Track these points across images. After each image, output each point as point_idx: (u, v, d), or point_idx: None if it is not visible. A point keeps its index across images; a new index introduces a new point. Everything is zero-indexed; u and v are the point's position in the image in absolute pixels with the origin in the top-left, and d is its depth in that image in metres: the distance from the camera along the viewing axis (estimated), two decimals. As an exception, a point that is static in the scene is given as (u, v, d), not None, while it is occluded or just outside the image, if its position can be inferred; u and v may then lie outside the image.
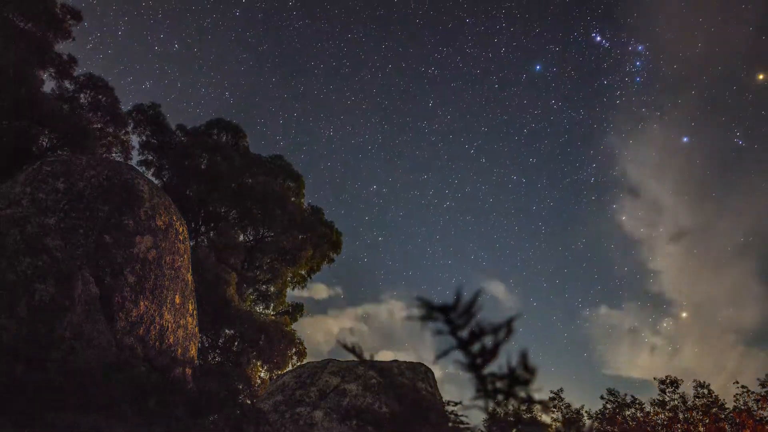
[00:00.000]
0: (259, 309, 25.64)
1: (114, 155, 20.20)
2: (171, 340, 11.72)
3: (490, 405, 1.47)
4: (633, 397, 14.88)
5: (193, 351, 13.11)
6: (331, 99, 54.00)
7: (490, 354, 1.39)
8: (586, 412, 15.35)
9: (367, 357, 1.81)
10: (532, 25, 48.57)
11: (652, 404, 14.62)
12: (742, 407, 13.39)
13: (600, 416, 14.96)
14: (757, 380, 13.54)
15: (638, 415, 14.56)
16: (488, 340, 1.39)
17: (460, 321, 1.37)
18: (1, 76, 15.43)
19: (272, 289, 26.03)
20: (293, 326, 24.45)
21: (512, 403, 1.45)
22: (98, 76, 19.40)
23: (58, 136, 17.30)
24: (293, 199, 25.81)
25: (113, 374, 8.03)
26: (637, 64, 44.80)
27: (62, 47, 18.98)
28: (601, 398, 15.25)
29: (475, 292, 1.36)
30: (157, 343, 11.20)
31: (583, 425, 14.74)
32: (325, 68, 52.11)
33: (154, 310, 11.31)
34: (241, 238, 25.32)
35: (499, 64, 50.80)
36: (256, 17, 50.45)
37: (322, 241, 25.88)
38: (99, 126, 19.54)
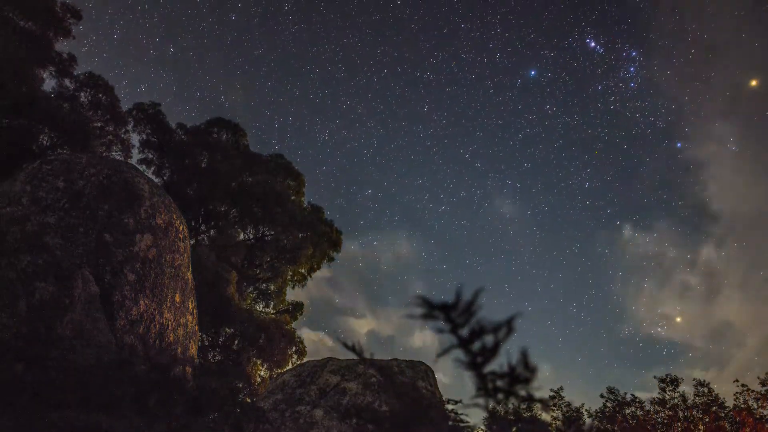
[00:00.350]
0: (259, 308, 25.65)
1: (114, 154, 20.18)
2: (171, 339, 11.72)
3: (491, 403, 1.47)
4: (633, 395, 14.92)
5: (194, 349, 13.11)
6: (327, 103, 54.05)
7: (491, 352, 1.39)
8: (586, 410, 15.38)
9: (367, 355, 1.81)
10: (527, 30, 48.65)
11: (652, 403, 14.64)
12: (742, 406, 13.41)
13: (600, 415, 14.98)
14: (758, 378, 13.58)
15: (638, 413, 14.57)
16: (488, 339, 1.39)
17: (461, 319, 1.37)
18: (2, 75, 15.42)
19: (272, 288, 26.02)
20: (293, 325, 24.48)
21: (512, 402, 1.45)
22: (98, 75, 19.39)
23: (59, 134, 17.28)
24: (293, 198, 25.80)
25: (113, 373, 8.03)
26: (631, 69, 45.03)
27: (62, 46, 18.99)
28: (600, 396, 15.29)
29: (475, 291, 1.36)
30: (157, 342, 11.20)
31: (583, 424, 14.76)
32: (320, 73, 52.16)
33: (154, 309, 11.31)
34: (241, 237, 25.32)
35: (494, 69, 50.88)
36: (252, 22, 50.48)
37: (322, 239, 25.88)
38: (99, 125, 19.53)
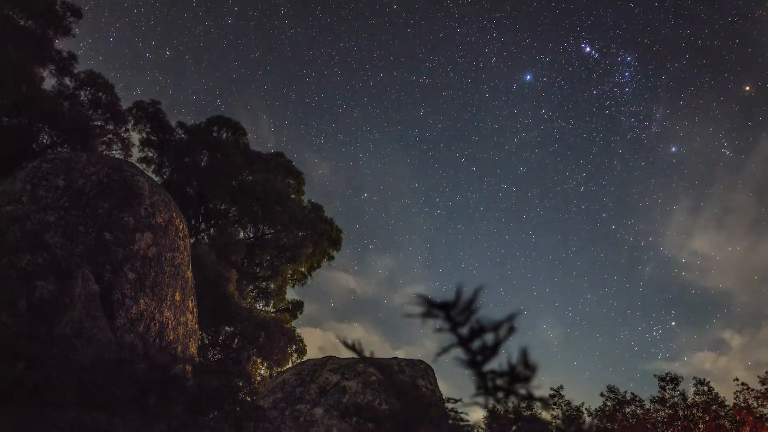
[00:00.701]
0: (259, 306, 25.63)
1: (114, 152, 20.15)
2: (171, 338, 11.72)
3: (491, 402, 1.47)
4: (633, 394, 14.93)
5: (193, 348, 13.11)
6: (323, 107, 54.09)
7: (491, 351, 1.39)
8: (586, 409, 15.39)
9: (367, 354, 1.81)
10: (522, 35, 48.67)
11: (652, 401, 14.64)
12: (742, 404, 13.41)
13: (600, 413, 14.99)
14: (757, 377, 13.58)
15: (638, 412, 14.58)
16: (488, 338, 1.38)
17: (461, 318, 1.37)
18: (2, 73, 15.41)
19: (272, 287, 26.01)
20: (293, 323, 24.48)
21: (512, 401, 1.45)
22: (98, 73, 19.35)
23: (59, 133, 17.27)
24: (293, 197, 25.80)
25: (113, 371, 8.03)
26: (626, 74, 45.22)
27: (62, 44, 18.97)
28: (601, 395, 15.29)
29: (475, 289, 1.36)
30: (157, 340, 11.20)
31: (583, 422, 14.77)
32: (316, 76, 52.15)
33: (154, 308, 11.31)
34: (242, 235, 25.30)
35: (490, 74, 50.91)
36: (248, 25, 50.44)
37: (323, 238, 25.88)
38: (99, 123, 19.50)
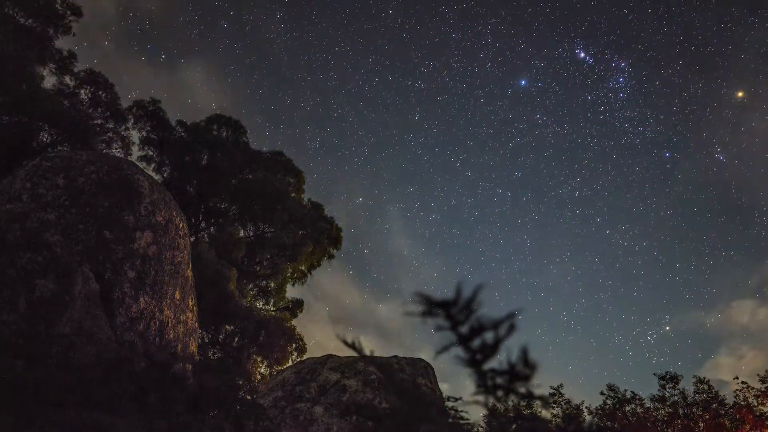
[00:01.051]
0: (260, 305, 25.63)
1: (114, 151, 20.14)
2: (171, 336, 11.72)
3: (491, 401, 1.46)
4: (633, 392, 14.93)
5: (193, 347, 13.11)
6: (318, 111, 54.09)
7: (491, 350, 1.38)
8: (587, 407, 15.40)
9: (367, 353, 1.80)
10: (517, 40, 48.68)
11: (652, 400, 14.64)
12: (742, 403, 13.42)
13: (600, 412, 15.00)
14: (758, 376, 13.58)
15: (638, 410, 14.59)
16: (488, 337, 1.38)
17: (461, 316, 1.36)
18: (2, 72, 15.40)
19: (272, 285, 26.01)
20: (293, 322, 24.49)
21: (512, 399, 1.44)
22: (98, 72, 19.36)
23: (59, 131, 17.28)
24: (293, 195, 25.79)
25: (113, 370, 8.03)
26: (620, 80, 45.29)
27: (62, 43, 18.96)
28: (601, 394, 15.30)
29: (475, 288, 1.35)
30: (157, 339, 11.21)
31: (583, 421, 14.77)
32: (311, 81, 52.10)
33: (154, 306, 11.31)
34: (242, 234, 25.28)
35: (485, 79, 50.91)
36: (244, 29, 50.39)
37: (323, 236, 25.88)
38: (99, 122, 19.49)
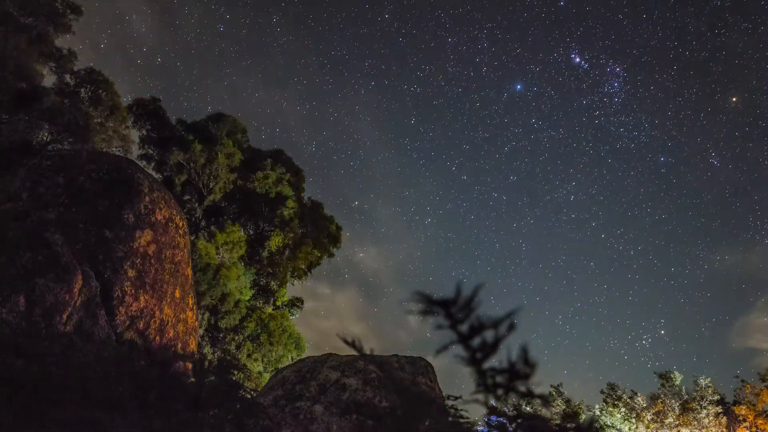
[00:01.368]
0: (259, 303, 25.64)
1: (114, 150, 20.14)
2: (171, 335, 11.73)
3: (491, 399, 1.46)
4: (633, 390, 14.96)
5: (193, 345, 13.12)
6: (314, 115, 54.12)
7: (491, 348, 1.38)
8: (587, 406, 15.43)
9: (367, 351, 1.80)
10: (513, 45, 48.79)
11: (651, 398, 14.67)
12: (742, 400, 13.44)
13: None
14: (758, 375, 13.61)
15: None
16: (488, 335, 1.38)
17: (460, 315, 1.36)
18: (2, 70, 15.39)
19: (272, 284, 26.03)
20: (292, 321, 24.50)
21: (512, 398, 1.44)
22: (98, 71, 19.35)
23: (59, 130, 17.28)
24: (293, 193, 25.80)
25: (113, 368, 8.03)
26: (615, 85, 45.34)
27: (62, 41, 18.96)
28: (600, 393, 15.33)
29: (475, 287, 1.35)
30: (157, 338, 11.21)
31: (583, 419, 14.78)
32: (308, 84, 52.12)
33: (154, 305, 11.31)
34: (242, 232, 25.30)
35: (481, 83, 50.96)
36: (240, 33, 50.44)
37: (322, 235, 25.90)
38: (99, 120, 19.49)
